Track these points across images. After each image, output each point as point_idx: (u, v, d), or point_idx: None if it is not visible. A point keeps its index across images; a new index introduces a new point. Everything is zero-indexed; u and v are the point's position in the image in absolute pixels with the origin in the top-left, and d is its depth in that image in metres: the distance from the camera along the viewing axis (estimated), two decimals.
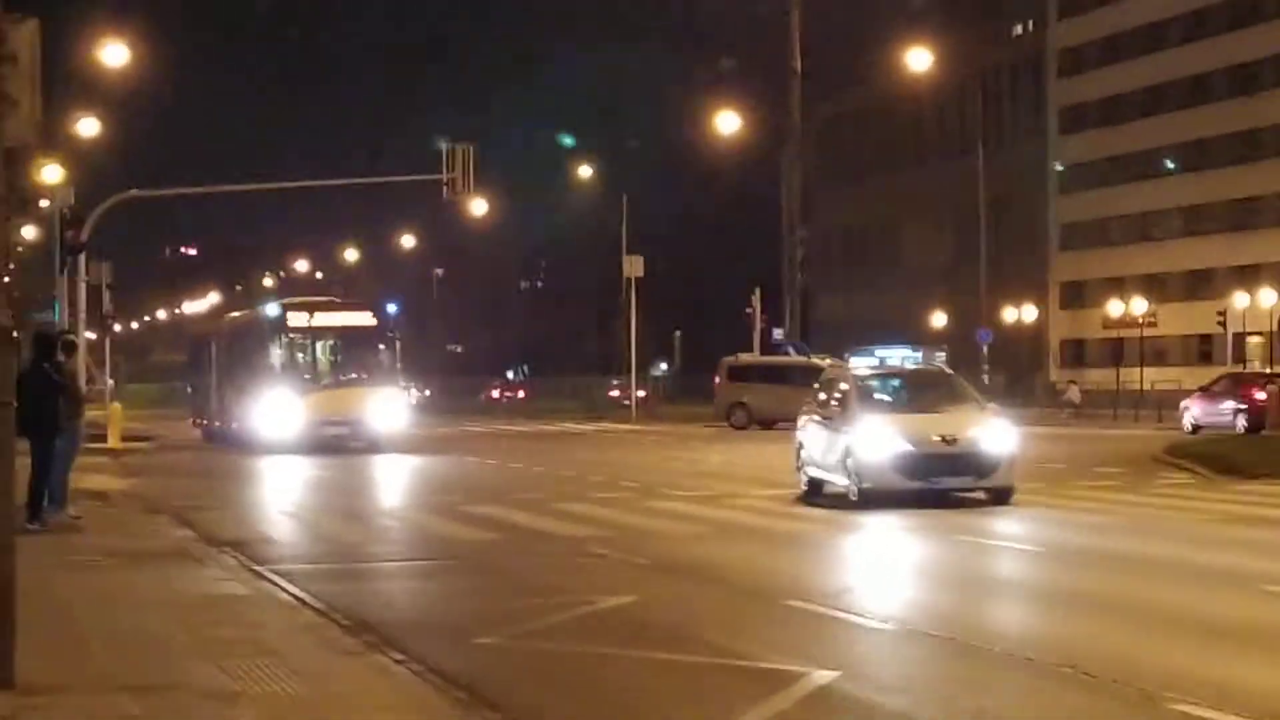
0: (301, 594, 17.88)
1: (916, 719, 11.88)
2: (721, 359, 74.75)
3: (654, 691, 12.83)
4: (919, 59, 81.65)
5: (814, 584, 19.04)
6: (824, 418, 27.65)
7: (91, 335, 54.52)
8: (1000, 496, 25.61)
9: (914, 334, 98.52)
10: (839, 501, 27.27)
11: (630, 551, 22.93)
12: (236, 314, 60.46)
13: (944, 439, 25.23)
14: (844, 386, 27.42)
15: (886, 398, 27.15)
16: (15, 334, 13.55)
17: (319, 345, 47.12)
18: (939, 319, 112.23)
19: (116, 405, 54.68)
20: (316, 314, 48.36)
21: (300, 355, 46.75)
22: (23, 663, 11.43)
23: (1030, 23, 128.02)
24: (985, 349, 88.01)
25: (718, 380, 72.02)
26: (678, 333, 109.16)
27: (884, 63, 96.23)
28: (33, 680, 11.42)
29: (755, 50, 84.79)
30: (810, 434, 28.43)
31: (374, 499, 32.35)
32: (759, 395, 65.56)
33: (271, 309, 51.03)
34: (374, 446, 44.02)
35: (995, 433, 25.80)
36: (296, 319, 47.76)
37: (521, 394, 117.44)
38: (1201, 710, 11.58)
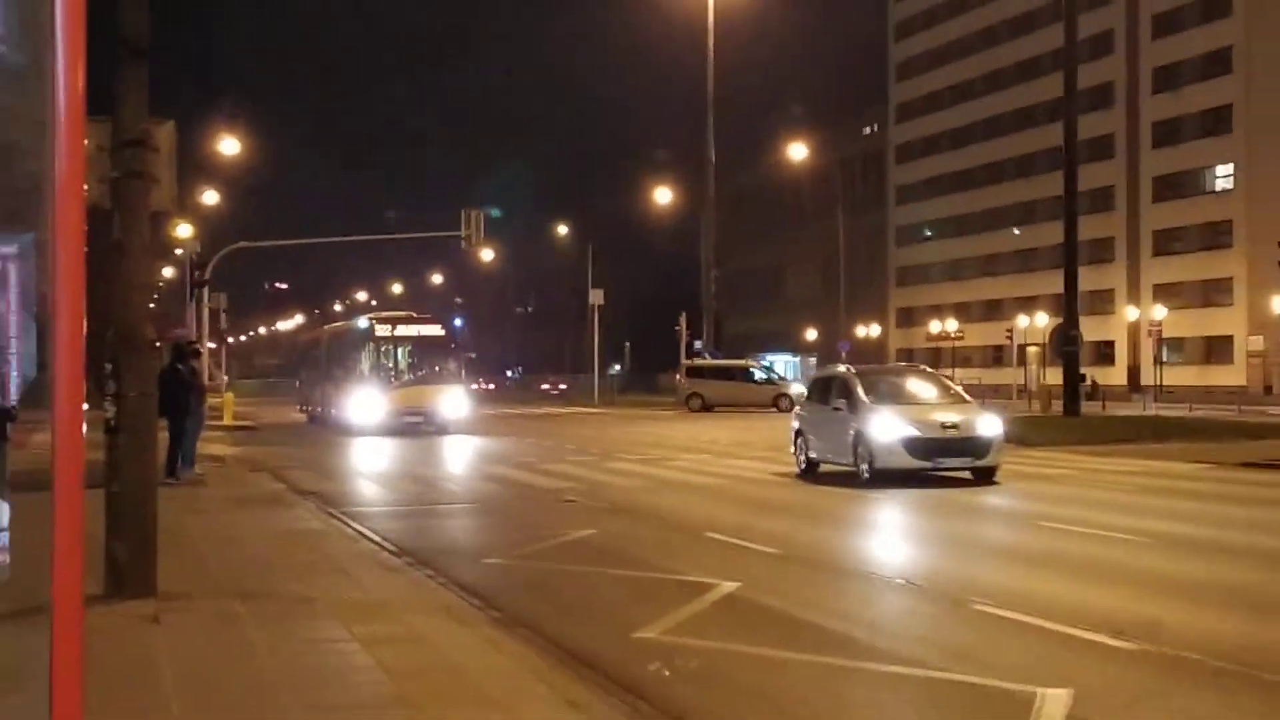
0: (362, 529, 17.95)
1: (790, 614, 12.06)
2: (681, 362, 75.01)
3: (610, 596, 13.12)
4: (798, 150, 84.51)
5: (725, 522, 18.78)
6: (830, 409, 24.64)
7: (212, 345, 54.44)
8: (989, 474, 23.11)
9: (794, 345, 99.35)
10: (790, 469, 26.22)
11: (592, 499, 22.93)
12: (337, 325, 59.22)
13: (945, 426, 23.01)
14: (848, 384, 24.61)
15: (887, 392, 24.26)
16: (157, 344, 13.69)
17: (399, 351, 45.89)
18: (811, 334, 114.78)
19: (229, 395, 54.69)
20: (398, 326, 46.47)
21: (384, 358, 45.37)
22: (161, 577, 11.61)
23: (876, 125, 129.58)
24: (844, 355, 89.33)
25: (679, 377, 71.64)
26: (627, 344, 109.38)
27: (774, 151, 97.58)
28: (169, 589, 11.56)
29: (684, 144, 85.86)
30: (812, 423, 25.89)
31: (427, 466, 31.17)
32: (709, 388, 65.96)
33: (363, 322, 49.31)
34: (442, 430, 42.52)
35: (987, 421, 23.64)
36: (382, 330, 45.96)
37: (564, 386, 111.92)
38: (991, 608, 11.84)
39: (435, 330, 46.88)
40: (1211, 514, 20.04)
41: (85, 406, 3.08)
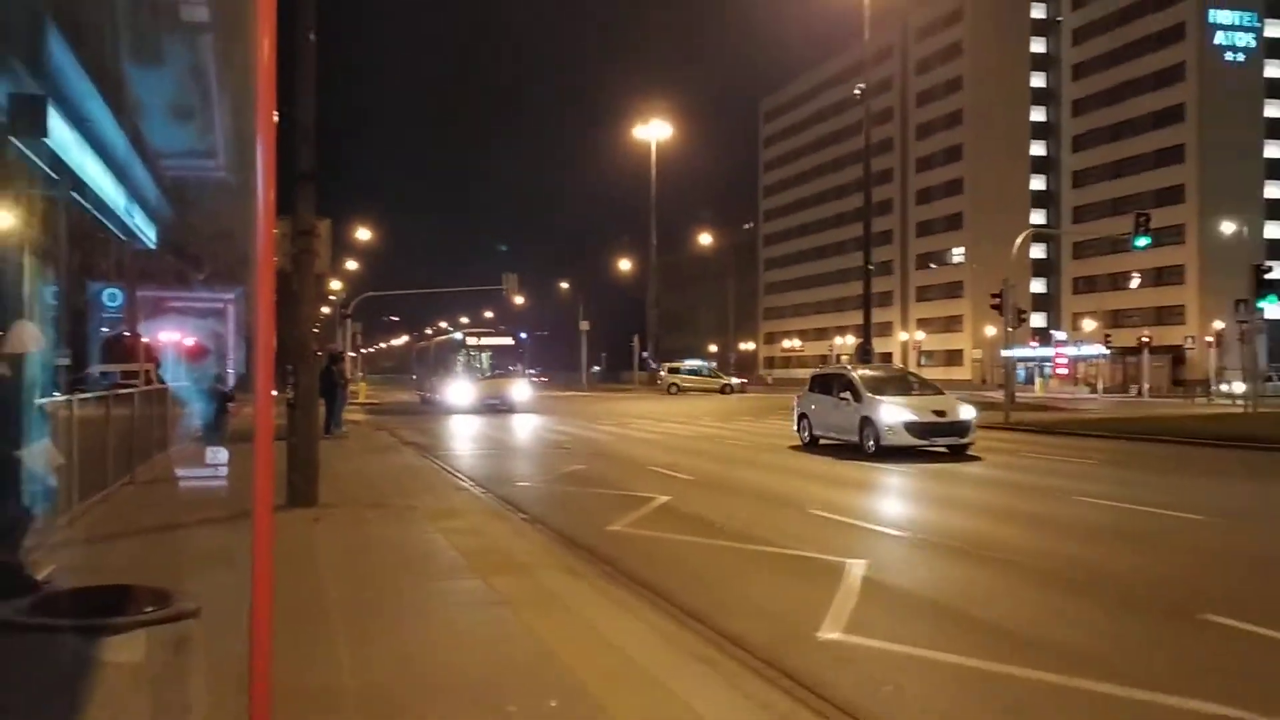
0: (444, 465, 17.91)
1: (701, 516, 12.09)
2: (664, 363, 75.61)
3: (593, 505, 13.19)
4: (705, 237, 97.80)
5: (662, 461, 18.57)
6: (836, 398, 21.42)
7: (353, 354, 56.01)
8: (965, 449, 19.92)
9: (702, 354, 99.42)
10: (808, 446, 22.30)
11: (583, 447, 22.80)
12: (441, 338, 58.11)
13: (935, 412, 20.03)
14: (852, 381, 21.24)
15: (883, 387, 21.11)
16: (319, 353, 14.52)
17: (483, 355, 43.48)
18: (713, 347, 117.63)
19: (363, 384, 56.43)
20: (482, 338, 44.63)
21: (473, 360, 42.45)
22: (320, 495, 12.13)
23: (752, 222, 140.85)
24: (732, 362, 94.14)
25: (662, 373, 70.97)
26: (603, 354, 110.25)
27: (691, 237, 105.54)
28: (325, 502, 11.99)
29: (639, 232, 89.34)
30: (816, 410, 22.50)
31: (491, 430, 29.63)
32: (682, 379, 66.02)
33: (458, 335, 47.31)
34: (512, 410, 39.64)
35: (965, 408, 20.60)
36: (471, 340, 44.07)
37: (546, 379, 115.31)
38: (825, 513, 12.27)
39: (507, 340, 44.59)
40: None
41: (275, 392, 3.25)
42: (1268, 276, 35.97)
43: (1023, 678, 5.85)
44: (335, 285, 52.03)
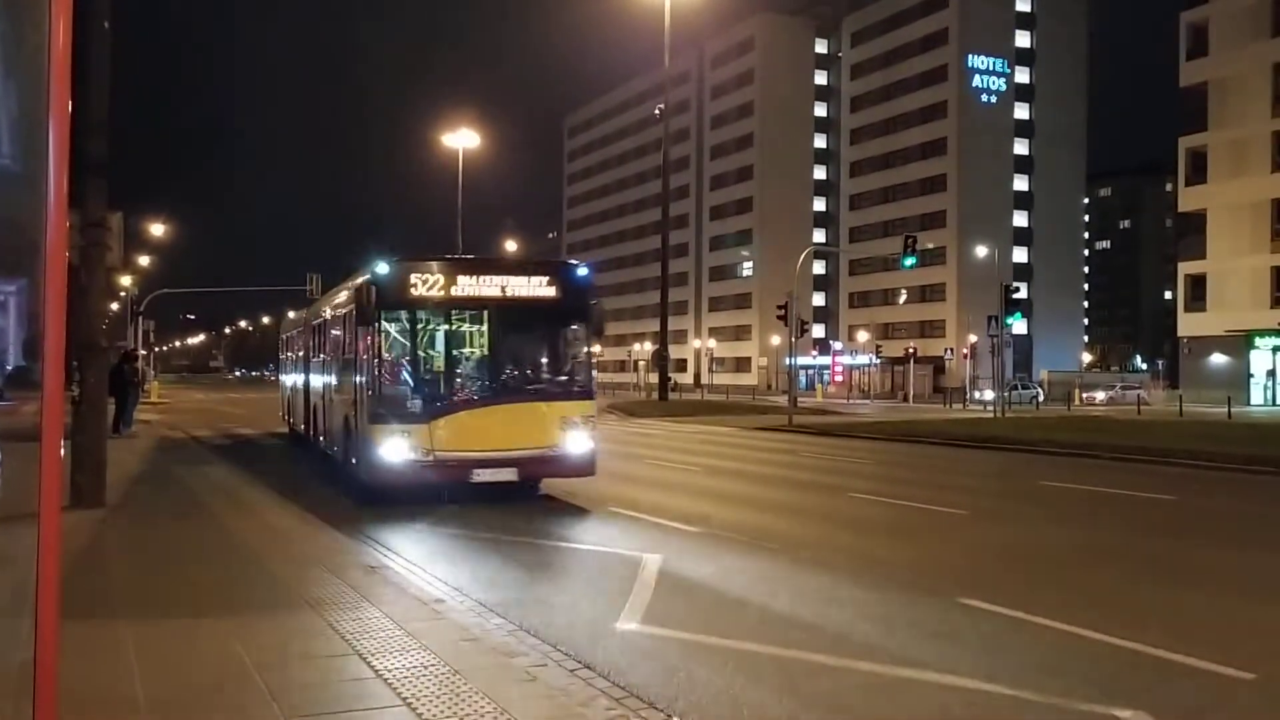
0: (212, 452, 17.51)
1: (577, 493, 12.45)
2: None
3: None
4: (511, 245, 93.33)
5: None
6: None
7: (143, 353, 52.75)
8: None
9: None
10: None
11: None
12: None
13: None
14: None
15: None
16: (105, 348, 13.69)
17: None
18: None
19: (156, 383, 55.86)
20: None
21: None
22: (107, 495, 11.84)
23: (556, 232, 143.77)
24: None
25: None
26: None
27: (497, 246, 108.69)
28: (111, 502, 11.71)
29: (445, 241, 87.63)
30: None
31: (248, 411, 29.88)
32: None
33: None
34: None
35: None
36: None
37: None
38: (622, 510, 12.46)
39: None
40: (739, 455, 21.08)
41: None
42: (1015, 296, 38.91)
43: (801, 660, 6.09)
44: (126, 281, 48.85)
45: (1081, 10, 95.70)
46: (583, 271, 13.16)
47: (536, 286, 12.51)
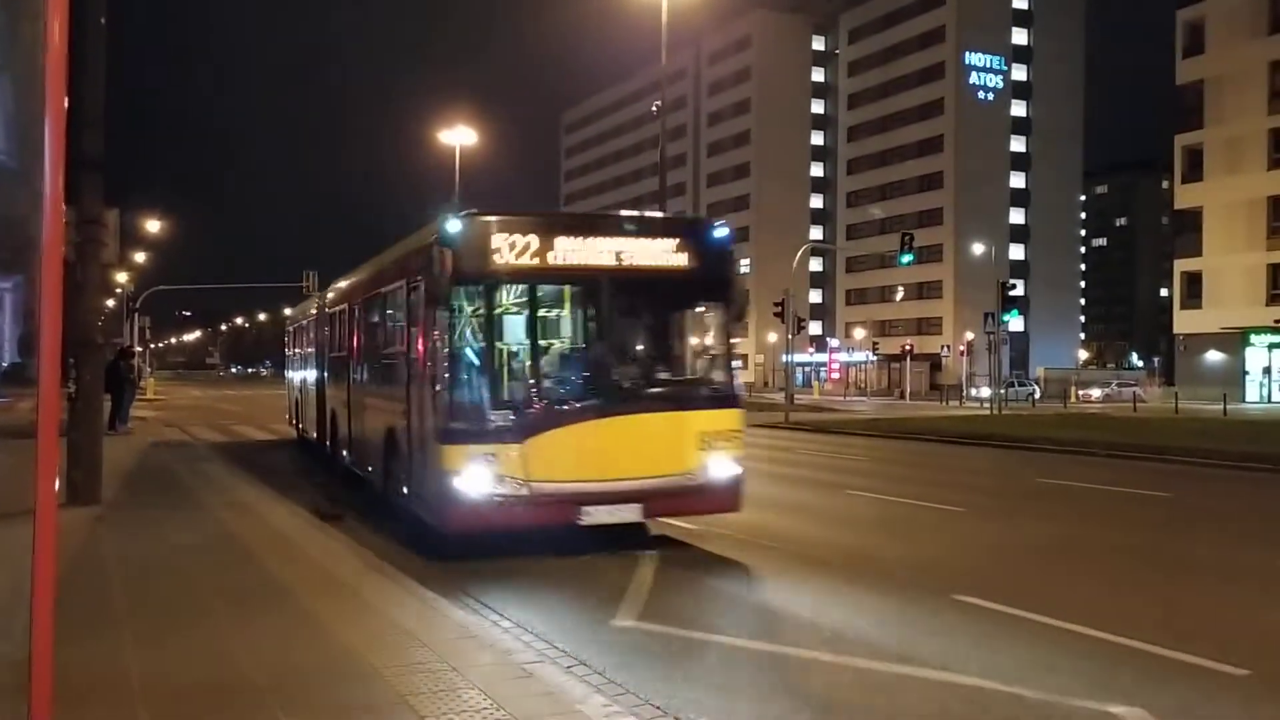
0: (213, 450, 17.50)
1: None
2: None
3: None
4: None
5: None
6: None
7: (139, 349, 52.87)
8: None
9: None
10: None
11: None
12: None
13: None
14: None
15: None
16: (101, 345, 13.63)
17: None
18: None
19: (152, 379, 55.23)
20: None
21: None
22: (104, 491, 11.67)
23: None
24: None
25: None
26: None
27: None
28: (108, 499, 11.53)
29: None
30: None
31: (253, 411, 29.77)
32: None
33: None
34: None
35: None
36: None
37: None
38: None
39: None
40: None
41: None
42: (1011, 293, 38.94)
43: (799, 657, 6.09)
44: (123, 278, 48.86)
45: (1078, 7, 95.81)
46: (722, 232, 9.58)
47: (664, 252, 9.17)
